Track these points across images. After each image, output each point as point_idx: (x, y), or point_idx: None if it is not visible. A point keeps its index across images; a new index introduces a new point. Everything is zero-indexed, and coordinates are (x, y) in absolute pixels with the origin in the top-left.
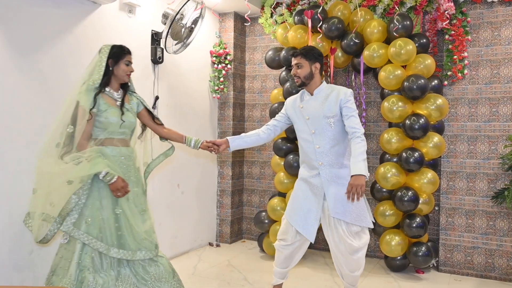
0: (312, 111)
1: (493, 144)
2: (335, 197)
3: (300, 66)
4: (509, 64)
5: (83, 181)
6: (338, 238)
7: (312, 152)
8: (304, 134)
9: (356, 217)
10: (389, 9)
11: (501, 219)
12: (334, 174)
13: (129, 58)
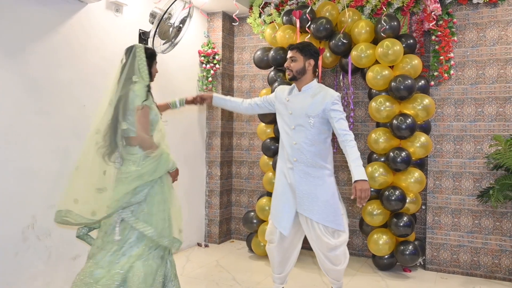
0: (296, 107)
1: (478, 143)
2: (303, 194)
3: (294, 59)
4: (494, 64)
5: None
6: (316, 236)
7: (289, 147)
8: (285, 127)
9: (325, 217)
10: (377, 9)
11: (486, 217)
12: (307, 172)
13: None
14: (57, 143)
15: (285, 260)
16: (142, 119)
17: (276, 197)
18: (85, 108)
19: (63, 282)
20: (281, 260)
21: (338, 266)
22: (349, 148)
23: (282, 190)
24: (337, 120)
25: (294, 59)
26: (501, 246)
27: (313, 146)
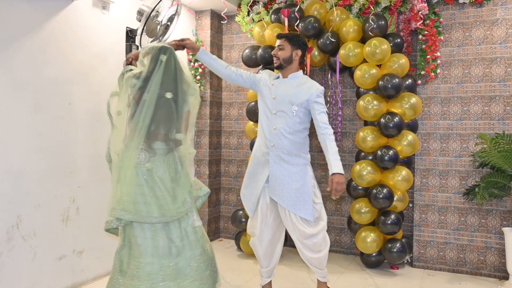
0: (281, 92)
1: (464, 142)
2: (276, 179)
3: (281, 48)
4: (479, 64)
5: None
6: (292, 225)
7: (268, 131)
8: (266, 111)
9: (293, 204)
10: (365, 8)
11: (472, 215)
12: (282, 158)
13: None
14: (42, 142)
15: (269, 252)
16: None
17: (247, 178)
18: (71, 106)
19: (48, 283)
20: (265, 253)
21: (318, 254)
22: (329, 141)
23: (254, 172)
24: (319, 112)
25: (282, 48)
26: (486, 243)
27: (291, 134)
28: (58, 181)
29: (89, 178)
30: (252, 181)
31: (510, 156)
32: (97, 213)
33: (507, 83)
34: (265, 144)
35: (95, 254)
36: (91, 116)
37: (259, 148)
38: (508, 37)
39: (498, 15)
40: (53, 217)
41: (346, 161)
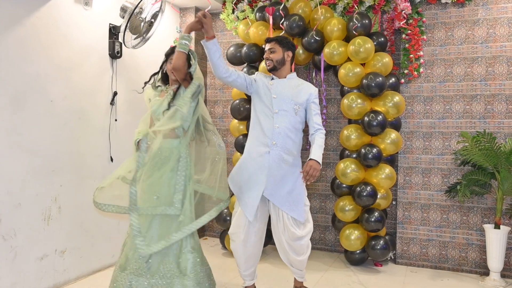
0: (282, 91)
1: (446, 140)
2: (274, 179)
3: (273, 51)
4: (461, 63)
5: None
6: (283, 226)
7: (269, 130)
8: (266, 110)
9: (288, 205)
10: (349, 7)
11: (454, 212)
12: (282, 157)
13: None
14: (23, 140)
15: (253, 256)
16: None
17: (245, 182)
18: (53, 103)
19: (29, 283)
20: (248, 256)
21: (301, 256)
22: (318, 136)
23: (250, 174)
24: (315, 113)
25: (273, 50)
26: (467, 239)
27: (293, 133)
28: (39, 180)
29: (71, 177)
30: (250, 184)
31: (490, 154)
32: (80, 212)
33: (488, 82)
34: (264, 144)
35: (78, 253)
36: (73, 113)
37: (256, 148)
38: (489, 37)
39: (479, 15)
40: (34, 216)
41: (330, 159)
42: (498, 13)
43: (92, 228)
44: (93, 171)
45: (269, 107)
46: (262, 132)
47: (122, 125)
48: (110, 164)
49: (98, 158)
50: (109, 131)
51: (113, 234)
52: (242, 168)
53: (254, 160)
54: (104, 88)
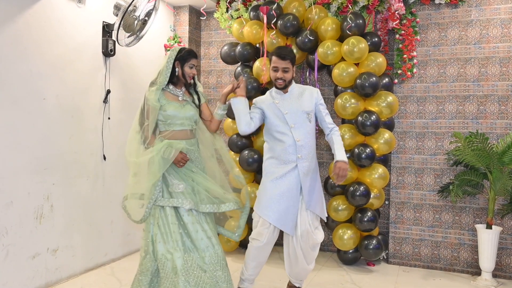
0: (290, 106)
1: (439, 140)
2: (309, 190)
3: (287, 70)
4: (454, 64)
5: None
6: (306, 234)
7: (292, 146)
8: (281, 128)
9: (321, 210)
10: (343, 7)
11: (446, 212)
12: (309, 167)
13: (194, 62)
14: (15, 138)
15: (262, 262)
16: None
17: (278, 201)
18: (45, 101)
19: (21, 282)
20: (260, 261)
21: (311, 265)
22: (336, 136)
23: (283, 193)
24: (326, 114)
25: (287, 70)
26: (460, 239)
27: (311, 140)
28: (31, 178)
29: (63, 175)
30: (286, 204)
31: (483, 154)
32: (72, 211)
33: (480, 83)
34: (288, 161)
35: (70, 252)
36: (66, 111)
37: (280, 168)
38: (482, 38)
39: (473, 16)
40: (27, 214)
41: (324, 159)
42: (491, 14)
43: (84, 226)
44: (86, 169)
45: (284, 123)
46: (284, 150)
47: (115, 123)
48: (103, 162)
49: (91, 156)
50: (102, 129)
51: (106, 233)
52: (271, 191)
53: (281, 179)
54: (97, 86)
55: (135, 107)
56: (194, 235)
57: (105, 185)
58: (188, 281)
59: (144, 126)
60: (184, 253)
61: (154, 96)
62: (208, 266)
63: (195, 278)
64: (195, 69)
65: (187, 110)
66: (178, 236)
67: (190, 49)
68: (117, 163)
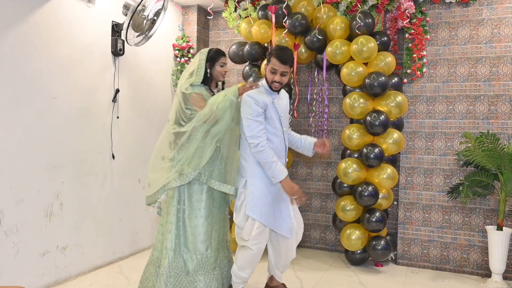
0: (283, 109)
1: (449, 140)
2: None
3: (285, 74)
4: (465, 63)
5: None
6: (298, 225)
7: (283, 149)
8: (276, 130)
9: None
10: (352, 6)
11: (455, 213)
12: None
13: (223, 60)
14: (26, 137)
15: (257, 263)
16: (195, 103)
17: (270, 204)
18: (55, 100)
19: (31, 279)
20: (256, 264)
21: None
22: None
23: (275, 196)
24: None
25: (285, 74)
26: (469, 241)
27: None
28: (41, 176)
29: (73, 173)
30: (278, 206)
31: (494, 155)
32: (81, 209)
33: (491, 82)
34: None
35: (79, 250)
36: (75, 110)
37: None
38: (493, 37)
39: (484, 15)
40: (37, 212)
41: (331, 159)
42: (503, 13)
43: (93, 224)
44: (95, 168)
45: (278, 127)
46: (276, 153)
47: (124, 123)
48: (112, 161)
49: (100, 155)
50: (111, 128)
51: (114, 231)
52: (263, 196)
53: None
54: (106, 85)
55: (143, 106)
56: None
57: (114, 184)
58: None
59: (173, 138)
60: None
61: (198, 88)
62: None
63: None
64: (226, 67)
65: None
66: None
67: (218, 48)
68: (126, 161)
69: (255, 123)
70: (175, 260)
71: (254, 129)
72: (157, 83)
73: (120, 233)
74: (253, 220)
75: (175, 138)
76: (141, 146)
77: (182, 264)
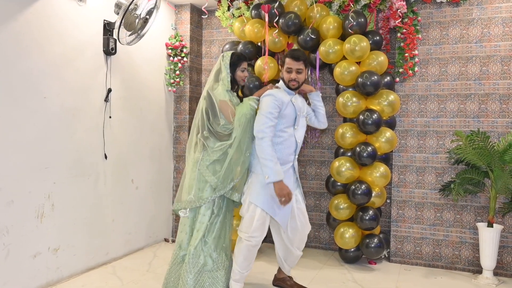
0: (300, 107)
1: (441, 139)
2: (299, 184)
3: (300, 72)
4: (456, 62)
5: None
6: (304, 220)
7: (293, 146)
8: (289, 129)
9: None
10: (344, 6)
11: (447, 210)
12: (297, 163)
13: (244, 65)
14: (16, 137)
15: (255, 256)
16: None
17: (273, 197)
18: (46, 100)
19: (22, 281)
20: (254, 257)
21: (301, 251)
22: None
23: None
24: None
25: (301, 71)
26: (461, 238)
27: (303, 138)
28: (32, 177)
29: (65, 174)
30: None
31: (484, 153)
32: (73, 210)
33: (482, 81)
34: (288, 160)
35: (71, 251)
36: (67, 110)
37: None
38: (484, 37)
39: (474, 14)
40: (28, 213)
41: (325, 158)
42: (493, 13)
43: (85, 225)
44: (87, 168)
45: (293, 124)
46: (288, 150)
47: (116, 122)
48: (104, 161)
49: (92, 155)
50: (103, 128)
51: (107, 232)
52: (267, 187)
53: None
54: (98, 85)
55: (136, 106)
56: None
57: (106, 184)
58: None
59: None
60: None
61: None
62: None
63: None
64: (246, 71)
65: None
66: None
67: (240, 53)
68: (118, 162)
69: (265, 119)
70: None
71: (263, 124)
72: (150, 83)
73: (113, 234)
74: (254, 210)
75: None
76: (134, 146)
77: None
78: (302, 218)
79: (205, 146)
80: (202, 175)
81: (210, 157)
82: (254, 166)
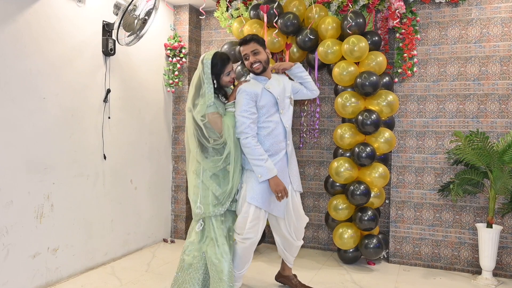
0: (278, 91)
1: (440, 139)
2: (294, 172)
3: (256, 52)
4: (455, 63)
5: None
6: (298, 213)
7: (282, 133)
8: (273, 117)
9: (299, 184)
10: (343, 6)
11: (446, 211)
12: (292, 149)
13: (229, 68)
14: (15, 137)
15: (252, 255)
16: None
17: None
18: (45, 100)
19: (21, 282)
20: (251, 256)
21: (300, 241)
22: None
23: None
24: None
25: (257, 52)
26: (460, 238)
27: (291, 123)
28: (31, 177)
29: (64, 174)
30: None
31: (483, 153)
32: (73, 210)
33: (481, 82)
34: (280, 148)
35: (70, 251)
36: (66, 110)
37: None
38: (482, 37)
39: (473, 15)
40: (27, 214)
41: (324, 158)
42: (492, 13)
43: (84, 226)
44: (86, 168)
45: (276, 110)
46: (276, 138)
47: (115, 123)
48: (103, 162)
49: (91, 155)
50: (102, 128)
51: (106, 232)
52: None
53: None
54: (97, 85)
55: (135, 106)
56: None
57: (105, 184)
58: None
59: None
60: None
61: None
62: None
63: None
64: (232, 72)
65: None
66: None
67: (222, 56)
68: (117, 162)
69: (242, 119)
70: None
71: (242, 125)
72: (148, 83)
73: (112, 234)
74: (247, 210)
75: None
76: (133, 146)
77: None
78: (297, 215)
79: (203, 157)
80: (206, 185)
81: (210, 170)
82: (247, 163)
